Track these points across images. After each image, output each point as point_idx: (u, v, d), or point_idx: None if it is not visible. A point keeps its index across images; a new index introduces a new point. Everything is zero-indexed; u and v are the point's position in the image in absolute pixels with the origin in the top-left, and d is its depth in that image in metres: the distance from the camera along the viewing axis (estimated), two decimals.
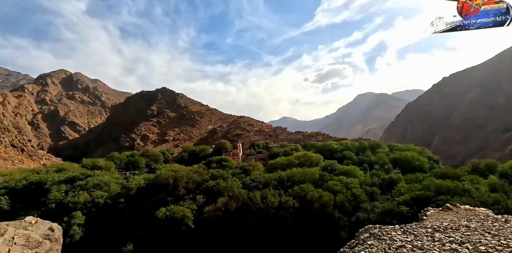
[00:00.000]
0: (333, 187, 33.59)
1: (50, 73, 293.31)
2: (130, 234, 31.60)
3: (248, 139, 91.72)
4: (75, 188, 34.28)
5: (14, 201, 38.69)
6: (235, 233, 30.35)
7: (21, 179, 44.82)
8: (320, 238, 28.40)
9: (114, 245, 30.30)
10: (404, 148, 70.40)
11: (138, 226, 32.02)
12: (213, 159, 51.61)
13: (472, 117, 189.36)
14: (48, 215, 30.56)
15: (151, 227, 31.70)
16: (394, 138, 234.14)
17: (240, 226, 30.74)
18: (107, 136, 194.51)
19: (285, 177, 38.49)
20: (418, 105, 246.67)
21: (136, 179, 36.31)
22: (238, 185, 36.94)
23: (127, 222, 32.21)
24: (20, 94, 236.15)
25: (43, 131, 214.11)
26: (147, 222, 32.24)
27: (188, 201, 33.96)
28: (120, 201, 32.57)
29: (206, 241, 31.21)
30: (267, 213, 30.65)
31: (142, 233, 31.54)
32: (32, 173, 49.11)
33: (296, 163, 46.21)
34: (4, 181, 47.42)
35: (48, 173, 48.97)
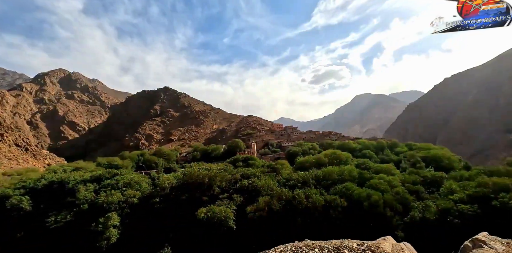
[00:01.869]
0: (378, 186, 32.24)
1: (49, 72, 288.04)
2: (167, 235, 29.77)
3: (261, 139, 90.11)
4: (105, 187, 32.26)
5: (35, 201, 36.55)
6: (281, 234, 28.72)
7: (39, 178, 42.61)
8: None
9: (151, 248, 28.45)
10: (424, 147, 69.52)
11: (175, 227, 30.19)
12: (239, 158, 49.93)
13: (474, 118, 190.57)
14: (81, 216, 28.63)
15: (190, 229, 29.94)
16: (395, 138, 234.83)
17: (286, 226, 29.15)
18: (108, 136, 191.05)
19: (321, 176, 37.09)
20: (419, 106, 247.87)
21: (168, 178, 34.41)
22: (275, 184, 35.36)
23: (163, 223, 30.34)
24: (18, 93, 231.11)
25: (42, 131, 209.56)
26: (184, 223, 30.46)
27: (225, 201, 32.23)
28: (155, 201, 30.68)
29: (248, 242, 29.56)
30: (315, 212, 29.09)
31: (180, 234, 29.72)
32: (49, 172, 46.81)
33: (326, 162, 44.80)
34: (20, 180, 45.14)
35: (65, 172, 46.85)
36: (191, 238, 29.64)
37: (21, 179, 46.06)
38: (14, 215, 34.41)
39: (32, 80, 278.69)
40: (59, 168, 48.84)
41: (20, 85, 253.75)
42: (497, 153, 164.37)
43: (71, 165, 51.47)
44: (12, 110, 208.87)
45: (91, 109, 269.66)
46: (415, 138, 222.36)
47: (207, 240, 29.05)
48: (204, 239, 29.12)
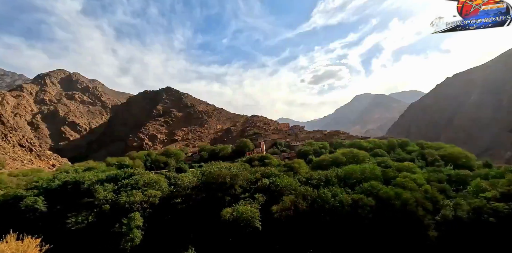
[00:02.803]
0: (404, 184, 31.50)
1: (49, 72, 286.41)
2: (190, 236, 28.87)
3: (268, 138, 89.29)
4: (124, 187, 31.33)
5: (49, 202, 35.60)
6: (309, 234, 27.91)
7: (52, 178, 41.67)
8: (405, 238, 26.20)
9: (175, 249, 27.54)
10: (436, 146, 68.86)
11: (198, 228, 29.30)
12: (254, 157, 49.09)
13: (477, 117, 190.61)
14: (102, 216, 27.69)
15: (213, 229, 29.06)
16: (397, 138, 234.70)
17: (313, 225, 28.34)
18: (110, 136, 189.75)
19: (343, 175, 36.35)
20: (421, 106, 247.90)
21: (188, 177, 33.51)
22: (297, 183, 34.53)
23: (186, 224, 29.46)
24: (19, 94, 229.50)
25: (43, 132, 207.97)
26: (207, 223, 29.58)
27: (248, 200, 31.37)
28: (177, 201, 29.78)
29: (274, 243, 28.72)
30: (342, 211, 28.28)
31: (203, 235, 28.84)
32: (60, 172, 45.85)
33: (344, 161, 44.04)
34: (32, 180, 44.17)
35: (77, 172, 45.91)
36: (215, 239, 28.76)
37: (32, 179, 45.06)
38: (29, 216, 33.49)
39: (32, 81, 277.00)
40: (71, 168, 47.90)
41: (21, 85, 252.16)
42: (501, 152, 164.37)
43: (82, 165, 50.50)
44: (12, 110, 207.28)
45: (92, 110, 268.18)
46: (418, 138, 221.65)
47: (232, 241, 28.17)
48: (228, 240, 28.24)
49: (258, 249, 28.07)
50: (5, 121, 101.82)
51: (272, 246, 28.74)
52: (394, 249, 25.75)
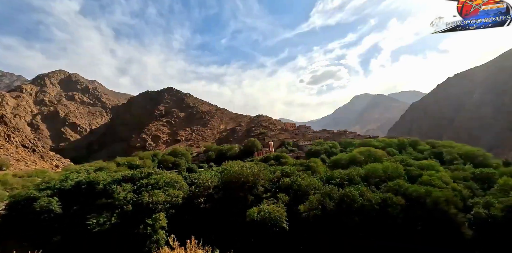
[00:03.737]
0: (432, 182, 30.79)
1: (49, 73, 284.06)
2: (214, 237, 27.92)
3: (276, 138, 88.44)
4: (144, 187, 30.32)
5: (63, 202, 34.56)
6: (337, 234, 27.07)
7: (64, 179, 40.57)
8: (439, 237, 25.45)
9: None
10: (447, 145, 68.34)
11: (222, 229, 28.38)
12: (270, 156, 48.22)
13: (479, 117, 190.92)
14: (124, 217, 26.67)
15: (239, 229, 28.15)
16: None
17: (341, 225, 27.50)
18: (112, 136, 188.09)
19: (364, 173, 35.59)
20: (423, 105, 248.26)
21: (208, 177, 32.57)
22: (319, 182, 33.71)
23: (210, 224, 28.52)
24: (18, 94, 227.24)
25: (43, 133, 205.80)
26: (232, 223, 28.66)
27: (271, 200, 30.51)
28: (200, 201, 28.83)
29: (302, 243, 27.87)
30: (372, 210, 27.47)
31: (228, 236, 27.91)
32: (71, 172, 44.74)
33: (362, 159, 43.29)
34: (43, 181, 43.06)
35: (88, 172, 44.85)
36: (241, 239, 27.85)
37: (36, 180, 43.96)
38: (44, 218, 32.42)
39: (32, 82, 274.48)
40: (81, 168, 46.78)
41: (20, 86, 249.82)
42: (504, 151, 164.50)
43: (92, 165, 49.39)
44: (12, 111, 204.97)
45: (92, 110, 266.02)
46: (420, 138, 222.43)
47: (258, 242, 27.27)
48: (254, 241, 27.34)
49: (283, 250, 27.23)
50: (8, 121, 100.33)
51: (296, 247, 27.96)
52: (429, 248, 24.99)
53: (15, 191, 54.50)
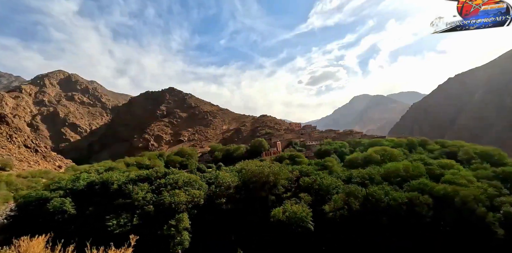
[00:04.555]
0: (456, 181, 30.18)
1: (48, 73, 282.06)
2: (237, 238, 27.13)
3: (282, 138, 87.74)
4: (163, 186, 29.42)
5: (76, 203, 33.57)
6: (364, 234, 26.35)
7: (75, 179, 39.57)
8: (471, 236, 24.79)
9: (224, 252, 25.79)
10: (458, 144, 67.95)
11: (245, 229, 27.57)
12: (284, 156, 47.50)
13: (481, 117, 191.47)
14: (146, 218, 25.76)
15: (262, 230, 27.36)
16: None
17: (367, 225, 26.79)
18: (113, 137, 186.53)
19: (384, 172, 34.95)
20: (424, 106, 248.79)
21: (228, 176, 31.75)
22: (340, 181, 33.03)
23: (232, 225, 27.70)
24: (18, 95, 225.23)
25: (43, 133, 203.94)
26: (254, 224, 27.86)
27: (293, 200, 29.75)
28: (221, 201, 28.02)
29: (325, 243, 27.12)
30: (399, 210, 26.79)
31: (251, 237, 27.12)
32: (81, 172, 43.75)
33: (378, 159, 42.66)
34: (53, 181, 41.99)
35: (98, 172, 43.87)
36: (264, 240, 27.05)
37: (52, 180, 42.89)
38: (58, 219, 31.41)
39: (31, 82, 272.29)
40: (91, 168, 45.78)
41: (19, 86, 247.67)
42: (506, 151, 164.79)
43: (102, 165, 48.37)
44: (11, 112, 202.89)
45: (92, 111, 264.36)
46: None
47: (282, 242, 26.49)
48: (277, 242, 26.55)
49: (306, 250, 26.48)
50: (10, 121, 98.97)
51: (319, 247, 27.23)
52: (460, 247, 24.35)
53: (19, 191, 53.38)
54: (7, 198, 49.28)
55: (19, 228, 32.74)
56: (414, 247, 24.90)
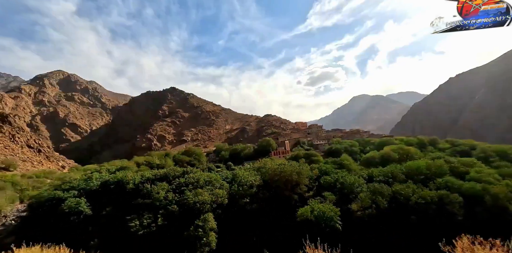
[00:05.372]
0: (482, 179, 29.60)
1: (47, 73, 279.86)
2: (262, 239, 26.29)
3: (289, 137, 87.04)
4: (185, 186, 28.53)
5: (91, 203, 32.64)
6: (393, 234, 25.61)
7: (87, 178, 38.63)
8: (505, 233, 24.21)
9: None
10: (468, 143, 67.78)
11: (270, 230, 26.73)
12: (300, 154, 46.74)
13: (483, 117, 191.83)
14: (170, 218, 24.86)
15: (287, 230, 26.55)
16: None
17: (396, 225, 26.07)
18: (114, 137, 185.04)
19: (406, 171, 34.29)
20: (425, 106, 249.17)
21: (250, 175, 30.93)
22: (362, 180, 32.33)
23: (256, 225, 26.87)
24: (17, 95, 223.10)
25: (43, 134, 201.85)
26: (279, 224, 27.04)
27: (318, 199, 28.98)
28: (245, 201, 27.21)
29: (351, 243, 26.33)
30: (428, 209, 26.08)
31: (276, 237, 26.29)
32: (92, 172, 42.78)
33: (396, 157, 42.01)
34: (64, 181, 41.00)
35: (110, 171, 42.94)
36: (289, 241, 26.24)
37: (63, 179, 41.91)
38: (74, 219, 30.44)
39: (30, 82, 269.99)
40: (102, 168, 44.82)
41: (19, 86, 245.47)
42: None
43: (113, 165, 47.39)
44: (11, 112, 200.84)
45: (92, 111, 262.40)
46: None
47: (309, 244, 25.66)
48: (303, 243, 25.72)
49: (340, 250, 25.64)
50: (12, 121, 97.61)
51: (345, 247, 26.43)
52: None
53: (25, 192, 52.32)
54: (13, 198, 48.24)
55: (31, 230, 31.77)
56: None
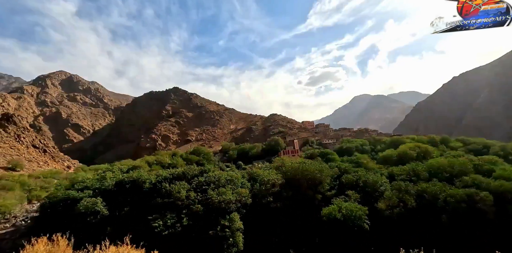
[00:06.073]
0: (510, 176, 28.83)
1: (49, 74, 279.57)
2: (287, 239, 25.54)
3: (297, 136, 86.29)
4: (207, 184, 27.75)
5: (107, 203, 31.87)
6: (421, 234, 24.85)
7: (100, 178, 37.87)
8: None
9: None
10: (480, 142, 67.08)
11: (295, 229, 26.00)
12: (316, 153, 45.98)
13: (488, 116, 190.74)
14: (194, 218, 24.09)
15: (312, 230, 25.81)
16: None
17: (424, 224, 25.32)
18: (117, 137, 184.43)
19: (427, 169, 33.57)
20: (429, 105, 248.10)
21: (270, 174, 30.19)
22: (384, 178, 31.57)
23: (280, 225, 26.12)
24: (20, 96, 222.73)
25: (46, 134, 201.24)
26: (304, 223, 26.30)
27: (342, 198, 28.24)
28: (269, 200, 26.46)
29: (383, 244, 25.56)
30: (459, 207, 25.30)
31: (301, 237, 25.56)
32: (103, 171, 41.99)
33: (414, 156, 41.23)
34: (77, 181, 40.28)
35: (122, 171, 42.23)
36: (315, 241, 25.50)
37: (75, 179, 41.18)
38: (91, 220, 29.67)
39: (33, 82, 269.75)
40: (114, 167, 44.09)
41: (21, 87, 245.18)
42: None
43: (125, 164, 46.67)
44: (14, 112, 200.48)
45: (94, 112, 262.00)
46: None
47: (339, 244, 24.94)
48: (335, 242, 25.00)
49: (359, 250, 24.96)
50: (17, 121, 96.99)
51: (367, 247, 25.71)
52: None
53: (33, 192, 51.75)
54: (22, 198, 47.59)
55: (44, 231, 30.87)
56: (481, 246, 23.43)
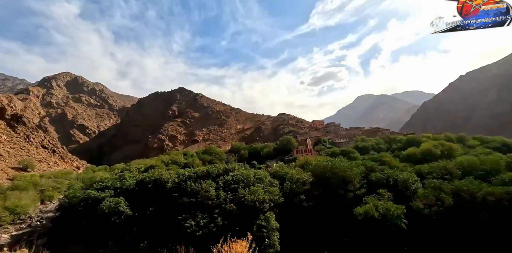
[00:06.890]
0: None
1: (55, 75, 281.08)
2: (320, 239, 24.66)
3: (309, 136, 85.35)
4: (234, 183, 26.97)
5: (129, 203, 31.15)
6: (461, 234, 23.85)
7: (118, 177, 37.26)
8: None
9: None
10: (499, 140, 65.70)
11: (329, 229, 25.10)
12: (336, 151, 45.06)
13: (497, 115, 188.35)
14: (228, 218, 23.25)
15: (346, 230, 24.92)
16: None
17: (464, 224, 24.30)
18: (123, 138, 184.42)
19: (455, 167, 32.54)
20: (435, 104, 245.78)
21: (298, 172, 29.36)
22: (415, 176, 30.59)
23: (314, 224, 25.24)
24: (25, 97, 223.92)
25: (52, 135, 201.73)
26: (337, 224, 25.40)
27: (374, 196, 27.29)
28: (301, 199, 25.61)
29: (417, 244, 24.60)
30: (500, 205, 24.27)
31: (336, 237, 24.67)
32: (121, 171, 41.41)
33: (438, 154, 40.20)
34: (94, 180, 39.74)
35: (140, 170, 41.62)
36: (348, 241, 24.60)
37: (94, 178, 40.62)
38: (114, 220, 28.94)
39: (38, 84, 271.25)
40: (131, 167, 43.47)
41: (27, 88, 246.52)
42: None
43: (141, 163, 46.06)
44: (22, 113, 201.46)
45: (100, 112, 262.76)
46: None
47: (374, 243, 24.02)
48: (371, 242, 24.08)
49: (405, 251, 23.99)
50: (26, 122, 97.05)
51: (400, 248, 24.75)
52: None
53: (45, 192, 51.26)
54: (35, 199, 47.16)
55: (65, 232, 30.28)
56: None
